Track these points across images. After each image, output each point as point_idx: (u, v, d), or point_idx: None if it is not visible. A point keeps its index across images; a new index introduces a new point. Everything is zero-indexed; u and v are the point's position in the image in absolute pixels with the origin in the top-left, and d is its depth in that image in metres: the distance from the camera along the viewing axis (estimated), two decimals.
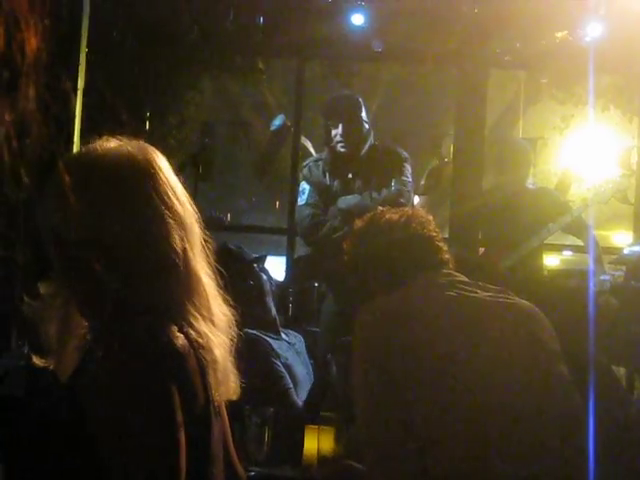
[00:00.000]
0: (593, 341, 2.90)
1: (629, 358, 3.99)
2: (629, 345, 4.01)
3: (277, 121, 7.35)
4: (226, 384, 1.78)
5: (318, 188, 5.18)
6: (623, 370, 4.12)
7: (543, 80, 6.53)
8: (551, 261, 7.94)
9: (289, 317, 5.02)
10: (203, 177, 5.83)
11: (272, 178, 8.79)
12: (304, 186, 5.26)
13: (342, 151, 5.11)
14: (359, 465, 2.64)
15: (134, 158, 1.69)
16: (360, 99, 5.25)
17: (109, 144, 1.70)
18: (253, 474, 2.95)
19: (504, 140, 6.91)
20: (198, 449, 1.64)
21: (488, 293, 2.55)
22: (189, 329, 1.65)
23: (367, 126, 5.17)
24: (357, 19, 6.11)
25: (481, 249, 5.80)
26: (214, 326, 1.73)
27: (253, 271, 3.75)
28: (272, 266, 4.26)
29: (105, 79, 5.05)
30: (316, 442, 2.99)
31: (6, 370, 3.59)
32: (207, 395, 1.69)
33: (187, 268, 1.69)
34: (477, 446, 2.29)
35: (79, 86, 4.24)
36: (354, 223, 2.87)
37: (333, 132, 5.12)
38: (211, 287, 1.77)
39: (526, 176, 5.67)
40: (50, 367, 1.72)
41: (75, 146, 4.05)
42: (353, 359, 2.48)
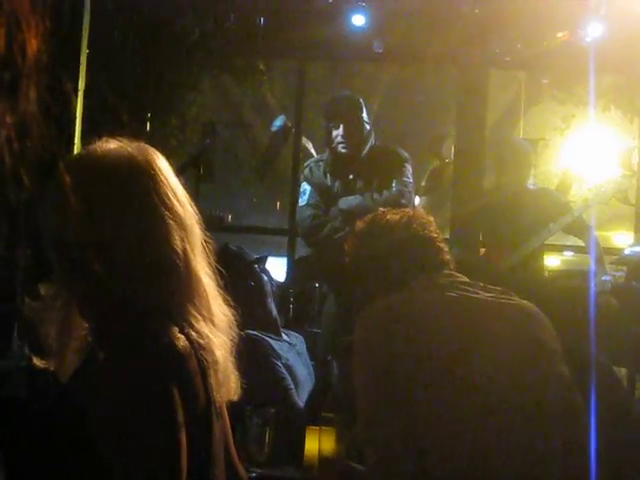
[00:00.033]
0: (594, 341, 2.89)
1: (630, 359, 3.99)
2: (630, 346, 4.01)
3: (278, 122, 7.36)
4: (227, 385, 1.78)
5: (319, 189, 5.18)
6: (624, 371, 4.12)
7: (544, 80, 6.54)
8: (552, 262, 7.94)
9: (290, 318, 5.01)
10: (204, 178, 5.83)
11: (273, 179, 8.79)
12: (305, 187, 5.25)
13: (343, 152, 5.10)
14: (360, 466, 2.64)
15: (134, 159, 1.69)
16: (361, 100, 5.25)
17: (109, 145, 1.70)
18: (254, 475, 2.95)
19: (505, 141, 6.90)
20: (199, 450, 1.64)
21: (489, 294, 2.55)
22: (190, 330, 1.65)
23: (368, 127, 5.16)
24: (357, 20, 6.11)
25: (482, 250, 5.79)
26: (215, 327, 1.73)
27: (254, 272, 3.75)
28: (273, 267, 4.26)
29: (106, 80, 5.05)
30: (317, 443, 2.99)
31: (7, 371, 3.59)
32: (208, 396, 1.69)
33: (187, 269, 1.68)
34: (478, 446, 2.29)
35: (80, 87, 4.23)
36: (355, 224, 2.86)
37: (334, 133, 5.12)
38: (211, 288, 1.77)
39: (527, 177, 5.67)
40: (50, 368, 1.72)
41: (76, 147, 4.05)
42: (354, 360, 2.47)
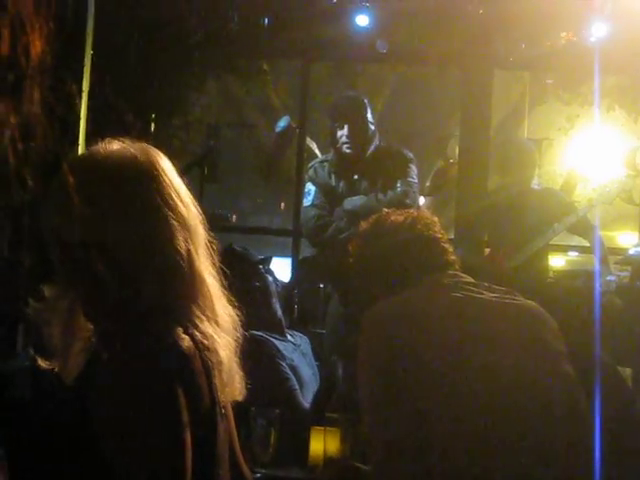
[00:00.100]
0: (598, 341, 2.89)
1: (635, 359, 3.98)
2: (635, 345, 4.01)
3: (282, 122, 7.36)
4: (231, 385, 1.78)
5: (324, 189, 5.17)
6: (629, 371, 4.11)
7: (548, 81, 6.53)
8: (557, 262, 7.93)
9: (295, 318, 5.02)
10: (208, 179, 5.84)
11: (277, 180, 8.79)
12: (309, 187, 5.25)
13: (348, 152, 5.10)
14: (365, 466, 2.64)
15: (137, 160, 1.69)
16: (365, 100, 5.24)
17: (112, 146, 1.71)
18: (259, 475, 2.95)
19: (509, 141, 6.90)
20: (204, 450, 1.64)
21: (494, 294, 2.55)
22: (194, 330, 1.65)
23: (372, 127, 5.16)
24: (362, 20, 6.10)
25: (487, 250, 5.79)
26: (219, 327, 1.73)
27: (259, 272, 3.75)
28: (278, 267, 4.26)
29: (110, 81, 5.05)
30: (322, 443, 2.99)
31: (11, 372, 3.59)
32: (212, 396, 1.69)
33: (191, 269, 1.69)
34: (482, 447, 2.29)
35: (84, 88, 4.23)
36: (359, 224, 2.86)
37: (339, 133, 5.11)
38: (216, 288, 1.77)
39: (531, 177, 5.67)
40: (55, 369, 1.72)
41: (80, 148, 4.05)
42: (358, 360, 2.47)
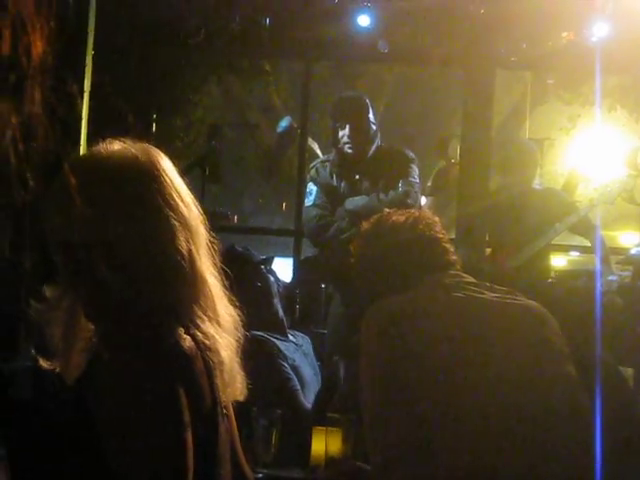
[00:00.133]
0: (600, 341, 2.89)
1: (636, 358, 3.98)
2: (636, 345, 4.00)
3: (284, 123, 7.37)
4: (233, 385, 1.78)
5: (325, 189, 5.17)
6: (630, 370, 4.11)
7: (550, 81, 6.53)
8: (558, 262, 7.92)
9: (296, 318, 5.00)
10: (210, 179, 5.84)
11: (279, 180, 8.80)
12: (311, 187, 5.25)
13: (349, 152, 5.10)
14: (367, 466, 2.64)
15: (138, 160, 1.69)
16: (367, 100, 5.24)
17: (113, 147, 1.71)
18: (260, 476, 2.95)
19: (511, 141, 6.90)
20: (205, 450, 1.65)
21: (495, 294, 2.55)
22: (195, 330, 1.65)
23: (374, 127, 5.16)
24: (363, 20, 6.10)
25: (488, 250, 5.79)
26: (220, 327, 1.73)
27: (260, 272, 3.75)
28: (279, 267, 4.26)
29: (112, 82, 5.05)
30: (323, 444, 2.99)
31: (13, 372, 3.59)
32: (214, 396, 1.69)
33: (193, 270, 1.69)
34: (483, 447, 2.29)
35: (85, 88, 4.23)
36: (361, 224, 2.86)
37: (340, 133, 5.11)
38: (217, 288, 1.77)
39: (533, 177, 5.67)
40: (56, 369, 1.72)
41: (82, 149, 4.05)
42: (360, 361, 2.47)
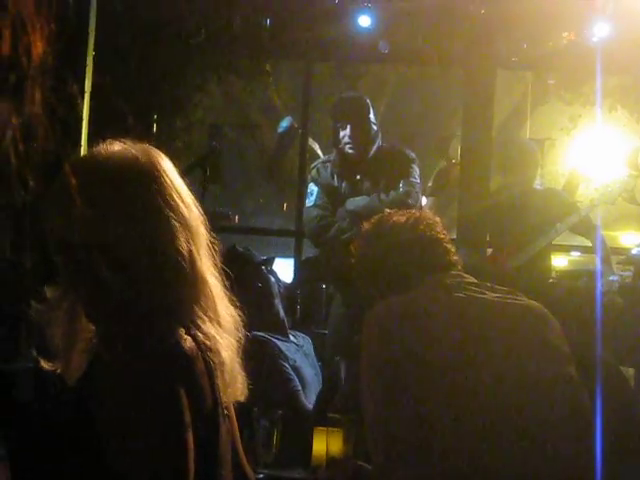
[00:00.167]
0: (601, 341, 2.89)
1: (637, 358, 3.98)
2: (637, 345, 4.00)
3: (284, 123, 7.37)
4: (234, 386, 1.78)
5: (326, 190, 5.17)
6: (631, 370, 4.11)
7: (550, 81, 6.52)
8: (559, 262, 7.92)
9: (297, 319, 5.01)
10: (211, 180, 5.83)
11: (280, 180, 8.80)
12: (312, 188, 5.25)
13: (350, 152, 5.10)
14: (368, 466, 2.64)
15: (138, 161, 1.69)
16: (368, 100, 5.24)
17: (113, 147, 1.71)
18: (262, 476, 2.96)
19: (512, 141, 6.90)
20: (206, 451, 1.64)
21: (496, 294, 2.55)
22: (196, 331, 1.65)
23: (375, 127, 5.16)
24: (364, 21, 6.10)
25: (489, 250, 5.79)
26: (221, 328, 1.73)
27: (261, 273, 3.76)
28: (280, 268, 4.27)
29: (112, 82, 5.06)
30: (324, 444, 2.99)
31: (14, 373, 3.59)
32: (215, 397, 1.69)
33: (193, 270, 1.69)
34: (484, 447, 2.28)
35: (86, 89, 4.23)
36: (362, 225, 2.86)
37: (341, 133, 5.11)
38: (218, 289, 1.77)
39: (534, 177, 5.67)
40: (57, 370, 1.72)
41: (83, 149, 4.05)
42: (361, 361, 2.47)
